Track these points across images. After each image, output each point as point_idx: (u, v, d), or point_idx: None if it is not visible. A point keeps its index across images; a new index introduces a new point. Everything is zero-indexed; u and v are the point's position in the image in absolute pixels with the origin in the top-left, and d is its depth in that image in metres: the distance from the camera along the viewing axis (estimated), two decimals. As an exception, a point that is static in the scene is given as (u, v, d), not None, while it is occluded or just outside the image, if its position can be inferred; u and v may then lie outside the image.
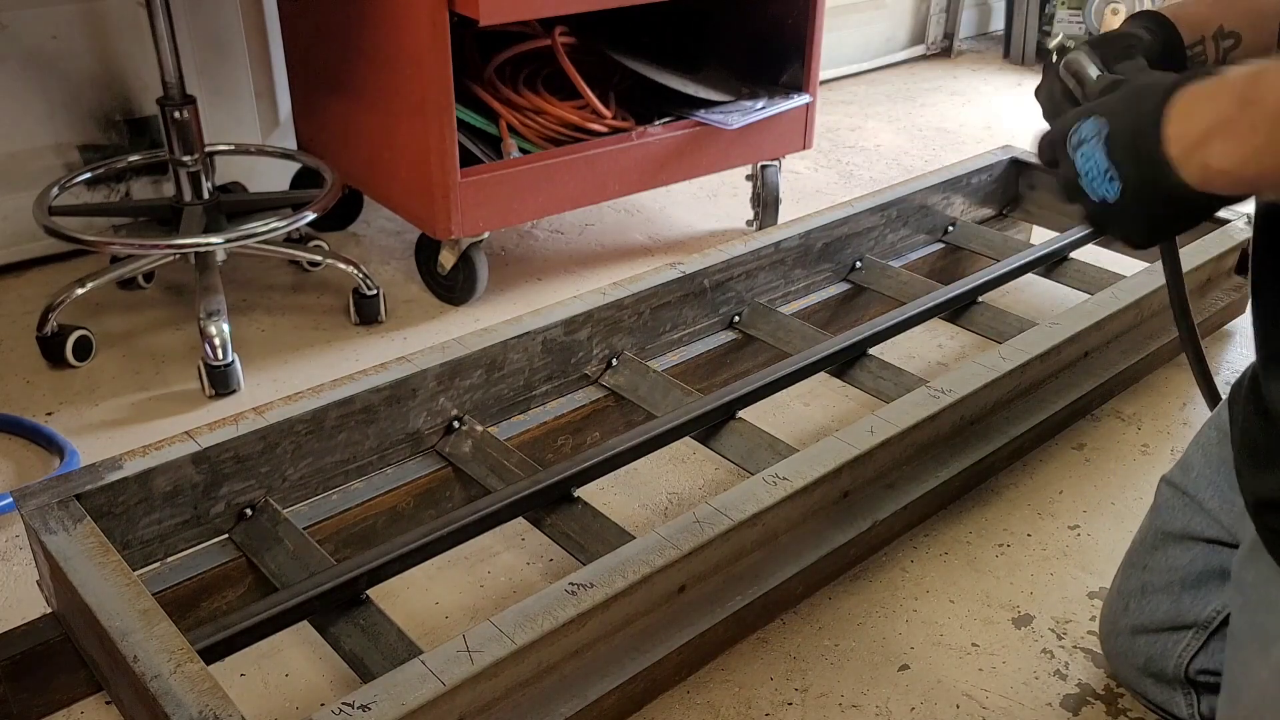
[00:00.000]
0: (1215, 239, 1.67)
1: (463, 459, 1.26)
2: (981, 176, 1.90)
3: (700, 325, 1.54)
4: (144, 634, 0.86)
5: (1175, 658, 0.98)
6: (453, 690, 0.85)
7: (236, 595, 1.11)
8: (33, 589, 1.11)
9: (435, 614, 1.18)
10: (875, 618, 1.16)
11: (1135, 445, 1.47)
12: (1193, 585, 0.98)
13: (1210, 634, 0.97)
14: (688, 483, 1.39)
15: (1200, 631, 0.97)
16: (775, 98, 2.01)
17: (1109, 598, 1.07)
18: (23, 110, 1.86)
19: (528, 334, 1.33)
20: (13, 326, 1.75)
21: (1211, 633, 0.97)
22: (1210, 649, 0.97)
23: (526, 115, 1.87)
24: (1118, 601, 1.05)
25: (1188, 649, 0.98)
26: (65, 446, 1.41)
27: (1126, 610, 1.03)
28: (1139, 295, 1.50)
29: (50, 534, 0.97)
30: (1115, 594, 1.06)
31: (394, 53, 1.66)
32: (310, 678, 1.09)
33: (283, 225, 1.67)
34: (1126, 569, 1.05)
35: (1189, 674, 0.98)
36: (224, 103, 2.06)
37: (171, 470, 1.08)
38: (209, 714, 0.79)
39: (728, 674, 1.09)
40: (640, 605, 1.00)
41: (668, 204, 2.28)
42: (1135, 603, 1.02)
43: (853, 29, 3.15)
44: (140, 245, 1.70)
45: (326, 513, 1.18)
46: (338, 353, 1.70)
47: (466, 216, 1.71)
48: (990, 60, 3.40)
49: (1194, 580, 0.98)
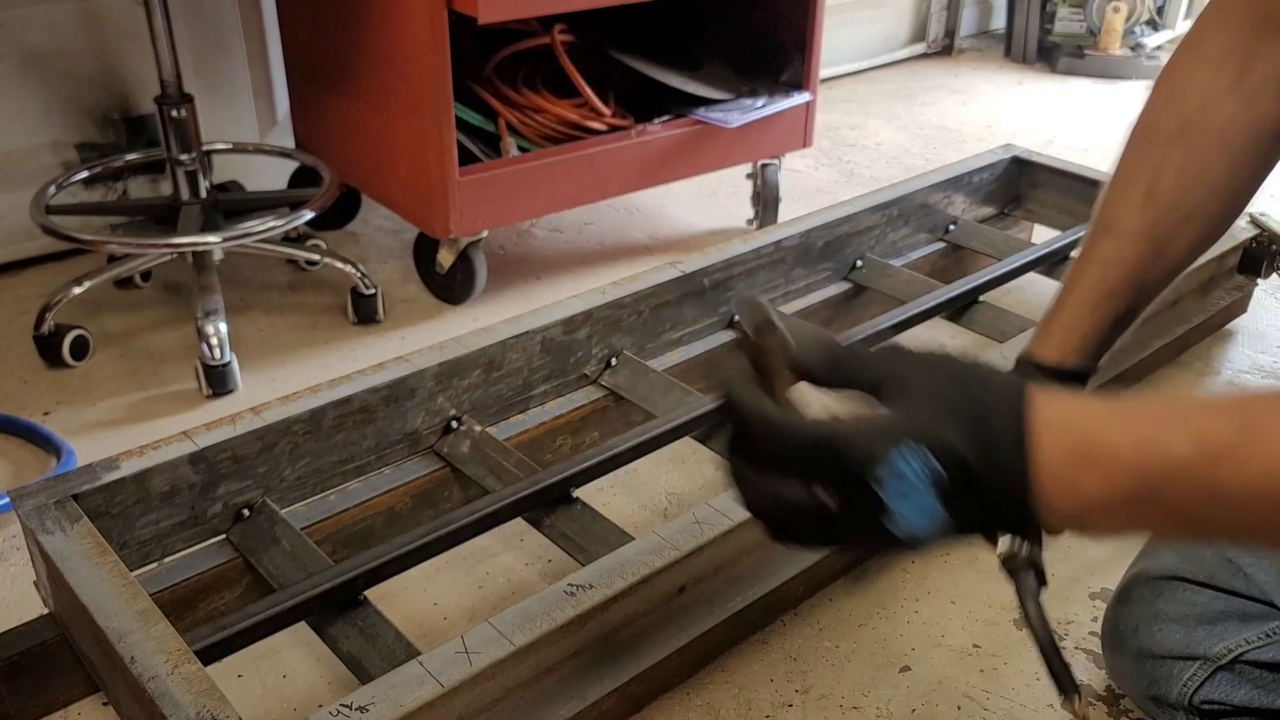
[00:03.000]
0: (1216, 238, 1.66)
1: (461, 459, 1.26)
2: (983, 175, 1.89)
3: (700, 325, 1.53)
4: (141, 634, 0.86)
5: (1180, 685, 0.95)
6: (451, 692, 0.84)
7: (234, 596, 1.11)
8: (29, 589, 1.11)
9: (433, 615, 1.17)
10: (876, 619, 1.16)
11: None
12: (1209, 622, 0.95)
13: (1218, 668, 0.93)
14: (688, 483, 1.39)
15: (1208, 664, 0.94)
16: (775, 96, 2.01)
17: (1113, 613, 1.04)
18: (20, 109, 1.85)
19: (526, 333, 1.32)
20: (9, 326, 1.74)
21: (1220, 668, 0.93)
22: (1217, 680, 0.94)
23: (525, 114, 1.86)
24: (1125, 623, 1.01)
25: (1193, 679, 0.94)
26: (62, 446, 1.40)
27: (1135, 633, 1.00)
28: (1140, 294, 1.50)
29: (47, 534, 0.96)
30: (1123, 614, 1.02)
31: (393, 51, 1.66)
32: (308, 679, 1.09)
33: (280, 224, 1.67)
34: (1140, 590, 1.01)
35: (1193, 702, 0.95)
36: (222, 101, 2.05)
37: (169, 470, 1.07)
38: (206, 715, 0.79)
39: (728, 675, 1.08)
40: (639, 606, 0.99)
41: (667, 203, 2.27)
42: (1145, 627, 0.99)
43: (853, 27, 3.15)
44: (138, 244, 1.70)
45: (324, 513, 1.17)
46: (335, 352, 1.69)
47: (465, 215, 1.71)
48: (991, 58, 3.40)
49: (1212, 618, 0.95)
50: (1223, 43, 0.86)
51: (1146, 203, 0.86)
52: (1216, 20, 0.87)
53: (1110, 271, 0.87)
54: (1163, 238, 0.87)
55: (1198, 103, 0.86)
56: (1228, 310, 1.71)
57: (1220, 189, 0.86)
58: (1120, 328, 0.87)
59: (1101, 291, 0.86)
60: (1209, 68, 0.86)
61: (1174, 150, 0.86)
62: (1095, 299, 0.86)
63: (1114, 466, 0.53)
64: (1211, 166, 0.86)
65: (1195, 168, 0.86)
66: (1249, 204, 0.92)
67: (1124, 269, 0.86)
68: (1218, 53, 0.86)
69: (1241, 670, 0.93)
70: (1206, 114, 0.85)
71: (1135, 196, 0.87)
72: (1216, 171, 0.86)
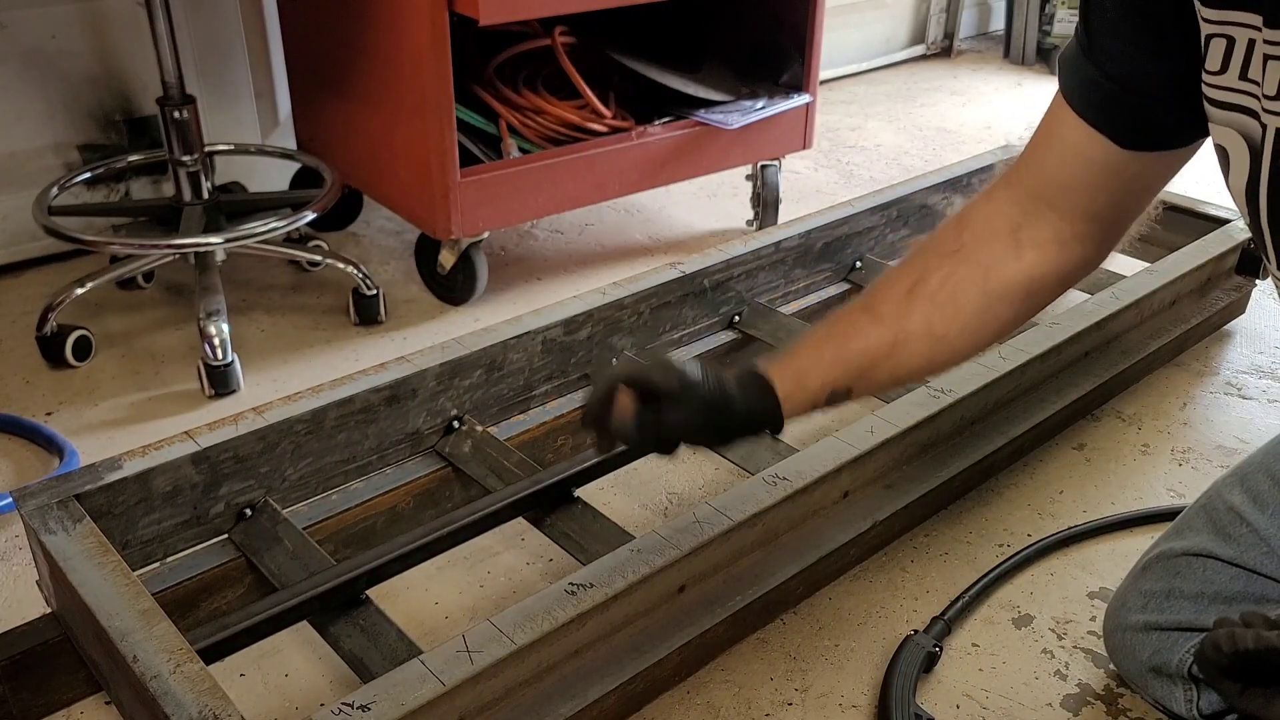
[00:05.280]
0: (1215, 239, 1.67)
1: (462, 459, 1.26)
2: (982, 176, 1.89)
3: (700, 325, 1.54)
4: (143, 634, 0.86)
5: (1180, 654, 0.98)
6: (452, 690, 0.85)
7: (236, 595, 1.11)
8: (32, 589, 1.11)
9: (435, 614, 1.17)
10: (876, 618, 1.16)
11: (1135, 445, 1.46)
12: (1224, 600, 0.97)
13: None
14: (688, 483, 1.39)
15: None
16: (775, 97, 2.01)
17: (1124, 590, 1.06)
18: (22, 110, 1.86)
19: (527, 334, 1.32)
20: (12, 326, 1.75)
21: None
22: None
23: (526, 115, 1.87)
24: (1136, 598, 1.04)
25: (1195, 648, 0.97)
26: (65, 446, 1.41)
27: (1145, 608, 1.02)
28: (1139, 295, 1.50)
29: (50, 534, 0.97)
30: (1134, 590, 1.04)
31: (394, 53, 1.66)
32: (310, 678, 1.09)
33: (282, 225, 1.67)
34: (1155, 568, 1.04)
35: (1191, 671, 0.98)
36: (224, 102, 2.06)
37: (171, 470, 1.08)
38: (208, 714, 0.79)
39: (728, 674, 1.09)
40: (640, 605, 1.00)
41: (667, 204, 2.28)
42: (1157, 603, 1.01)
43: (853, 29, 3.15)
44: (140, 245, 1.70)
45: (326, 513, 1.18)
46: (337, 352, 1.70)
47: (466, 216, 1.71)
48: (990, 60, 3.40)
49: (1229, 597, 0.97)
50: (1007, 196, 0.95)
51: (905, 298, 0.94)
52: (1005, 178, 0.96)
53: (854, 340, 0.95)
54: (902, 339, 0.94)
55: (976, 235, 0.95)
56: (1226, 311, 1.71)
57: (968, 317, 0.93)
58: (831, 400, 0.96)
59: (835, 355, 0.95)
60: (991, 212, 0.95)
61: (945, 264, 0.94)
62: (829, 360, 0.95)
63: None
64: (969, 292, 0.93)
65: (954, 286, 0.93)
66: (987, 349, 1.01)
67: (863, 344, 0.95)
68: (1002, 204, 0.95)
69: None
70: (979, 248, 0.94)
71: (901, 289, 0.95)
72: (971, 298, 0.93)
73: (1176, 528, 1.06)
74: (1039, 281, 0.94)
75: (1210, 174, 0.90)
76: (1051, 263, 0.93)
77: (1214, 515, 1.02)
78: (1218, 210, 1.76)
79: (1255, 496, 1.00)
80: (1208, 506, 1.04)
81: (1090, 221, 0.92)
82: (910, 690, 1.03)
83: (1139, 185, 0.91)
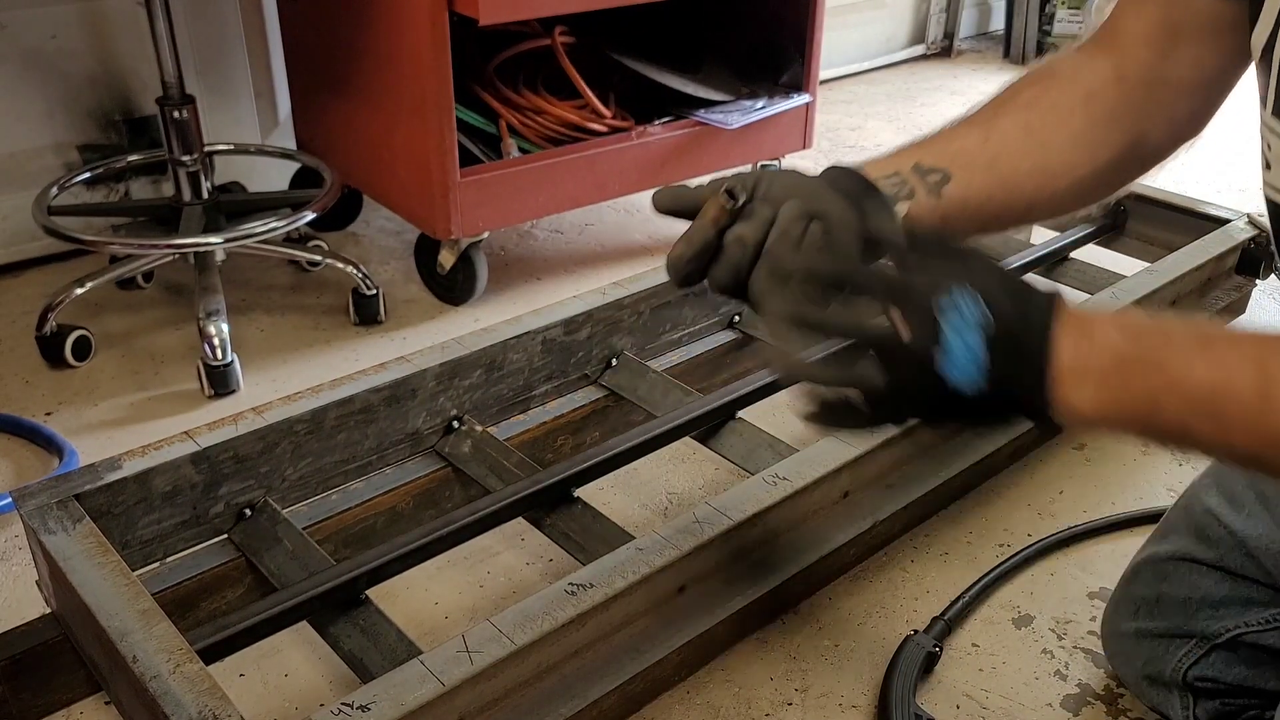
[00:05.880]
0: (1215, 239, 1.66)
1: (462, 459, 1.26)
2: (981, 176, 1.89)
3: (700, 325, 1.54)
4: (143, 634, 0.86)
5: (1174, 662, 0.98)
6: (452, 690, 0.85)
7: (236, 595, 1.11)
8: (32, 589, 1.11)
9: (435, 614, 1.17)
10: (876, 618, 1.16)
11: (1135, 445, 1.46)
12: (1212, 605, 0.97)
13: (1214, 647, 0.96)
14: (688, 483, 1.39)
15: (1204, 642, 0.96)
16: (775, 97, 2.01)
17: (1117, 597, 1.06)
18: (22, 110, 1.85)
19: (527, 334, 1.32)
20: (12, 326, 1.75)
21: (1215, 646, 0.96)
22: (1213, 658, 0.96)
23: (526, 115, 1.87)
24: (1127, 605, 1.04)
25: (1188, 655, 0.97)
26: (64, 446, 1.41)
27: (1136, 615, 1.02)
28: (1139, 295, 1.50)
29: (49, 534, 0.97)
30: (1125, 596, 1.05)
31: (394, 52, 1.66)
32: (309, 678, 1.09)
33: (282, 225, 1.67)
34: (1143, 572, 1.03)
35: (1186, 679, 0.97)
36: (223, 102, 2.06)
37: (171, 470, 1.07)
38: (208, 714, 0.79)
39: (728, 674, 1.09)
40: (640, 605, 1.00)
41: (667, 204, 2.27)
42: (1147, 609, 1.01)
43: (853, 29, 3.15)
44: (139, 245, 1.70)
45: (326, 513, 1.18)
46: (337, 352, 1.70)
47: (466, 216, 1.71)
48: (990, 60, 3.40)
49: (1215, 601, 0.97)
50: (1141, 30, 0.86)
51: (991, 107, 0.89)
52: (1133, 8, 0.87)
53: (950, 142, 0.89)
54: (996, 135, 0.89)
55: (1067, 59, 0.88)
56: (1226, 311, 1.71)
57: (1075, 130, 0.86)
58: (933, 192, 0.88)
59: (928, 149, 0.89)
60: (1126, 47, 0.87)
61: (1034, 85, 0.88)
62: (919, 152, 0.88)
63: (1121, 365, 0.64)
64: (1068, 104, 0.86)
65: (1053, 98, 0.87)
66: (1104, 190, 0.90)
67: (960, 144, 0.90)
68: (1141, 33, 0.86)
69: (1239, 651, 0.95)
70: (1075, 73, 0.88)
71: (986, 109, 0.90)
72: (1072, 109, 0.86)
73: (1161, 530, 1.05)
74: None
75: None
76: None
77: (1193, 518, 1.01)
78: (1218, 210, 1.76)
79: (1231, 498, 0.98)
80: (1187, 509, 1.02)
81: None
82: (910, 690, 1.03)
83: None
